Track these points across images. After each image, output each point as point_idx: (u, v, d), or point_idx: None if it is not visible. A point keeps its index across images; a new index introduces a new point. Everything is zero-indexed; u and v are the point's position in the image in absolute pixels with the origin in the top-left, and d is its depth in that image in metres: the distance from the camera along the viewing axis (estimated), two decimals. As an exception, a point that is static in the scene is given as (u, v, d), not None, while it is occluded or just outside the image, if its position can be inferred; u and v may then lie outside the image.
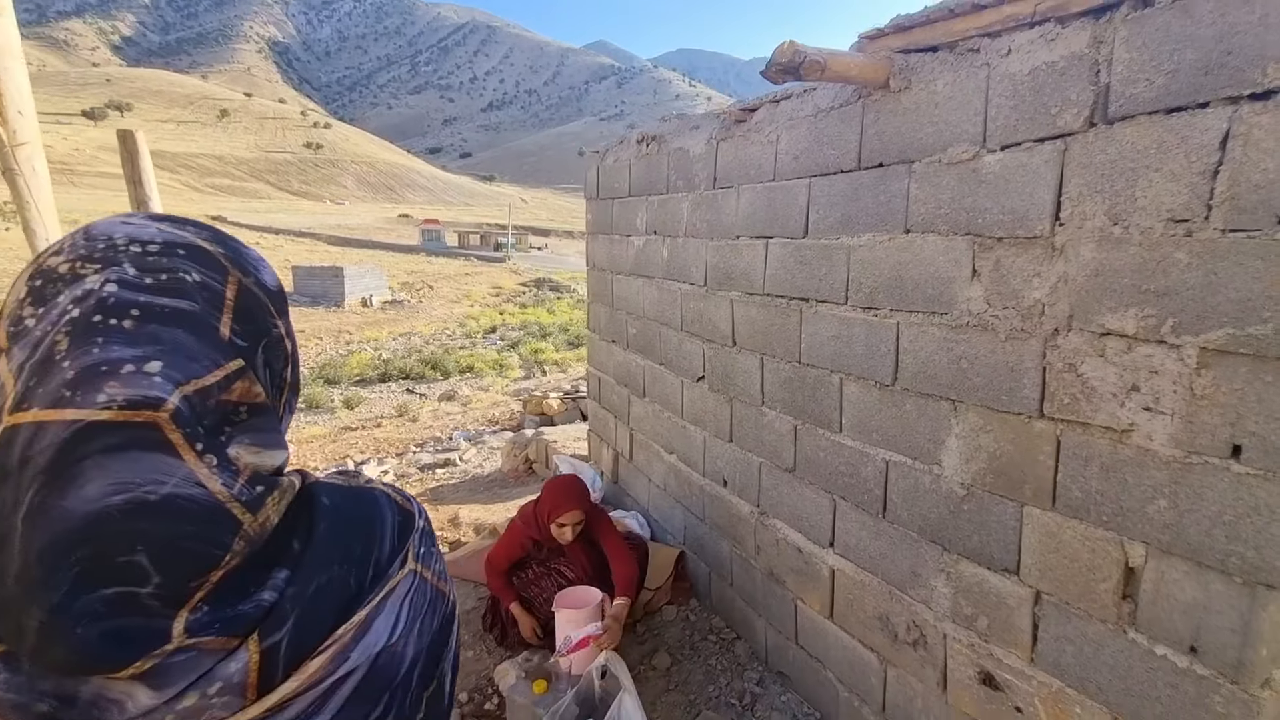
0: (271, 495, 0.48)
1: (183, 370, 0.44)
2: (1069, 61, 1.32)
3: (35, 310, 0.44)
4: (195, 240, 0.51)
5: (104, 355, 0.42)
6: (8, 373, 0.43)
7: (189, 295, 0.47)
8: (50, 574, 0.39)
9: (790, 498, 2.22)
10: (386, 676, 0.52)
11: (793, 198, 2.11)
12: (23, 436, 0.40)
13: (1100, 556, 1.31)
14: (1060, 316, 1.35)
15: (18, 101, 1.16)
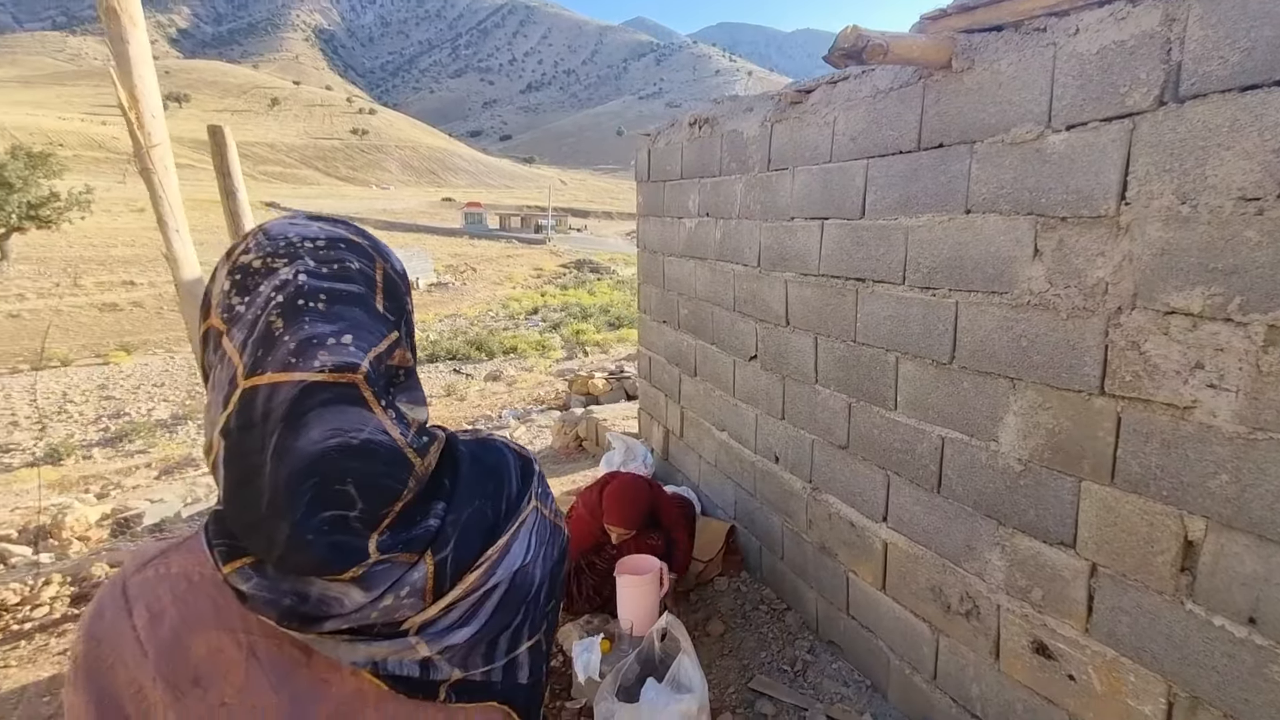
0: (433, 444, 0.59)
1: (366, 341, 0.54)
2: (1139, 40, 1.32)
3: (242, 299, 0.54)
4: (348, 235, 0.60)
5: (312, 330, 0.52)
6: (233, 349, 0.53)
7: (354, 280, 0.57)
8: (291, 499, 0.49)
9: (843, 473, 2.27)
10: (523, 592, 0.63)
11: (850, 179, 2.13)
12: (262, 395, 0.50)
13: (1159, 530, 1.34)
14: (1124, 295, 1.37)
15: (151, 106, 1.30)
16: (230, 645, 0.53)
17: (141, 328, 23.52)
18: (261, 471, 0.50)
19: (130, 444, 13.42)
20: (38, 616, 2.97)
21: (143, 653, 0.52)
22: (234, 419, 0.51)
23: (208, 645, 0.53)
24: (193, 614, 0.54)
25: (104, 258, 31.73)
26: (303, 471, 0.50)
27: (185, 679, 0.52)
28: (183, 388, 17.55)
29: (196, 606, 0.54)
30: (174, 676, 0.52)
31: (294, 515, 0.49)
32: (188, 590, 0.55)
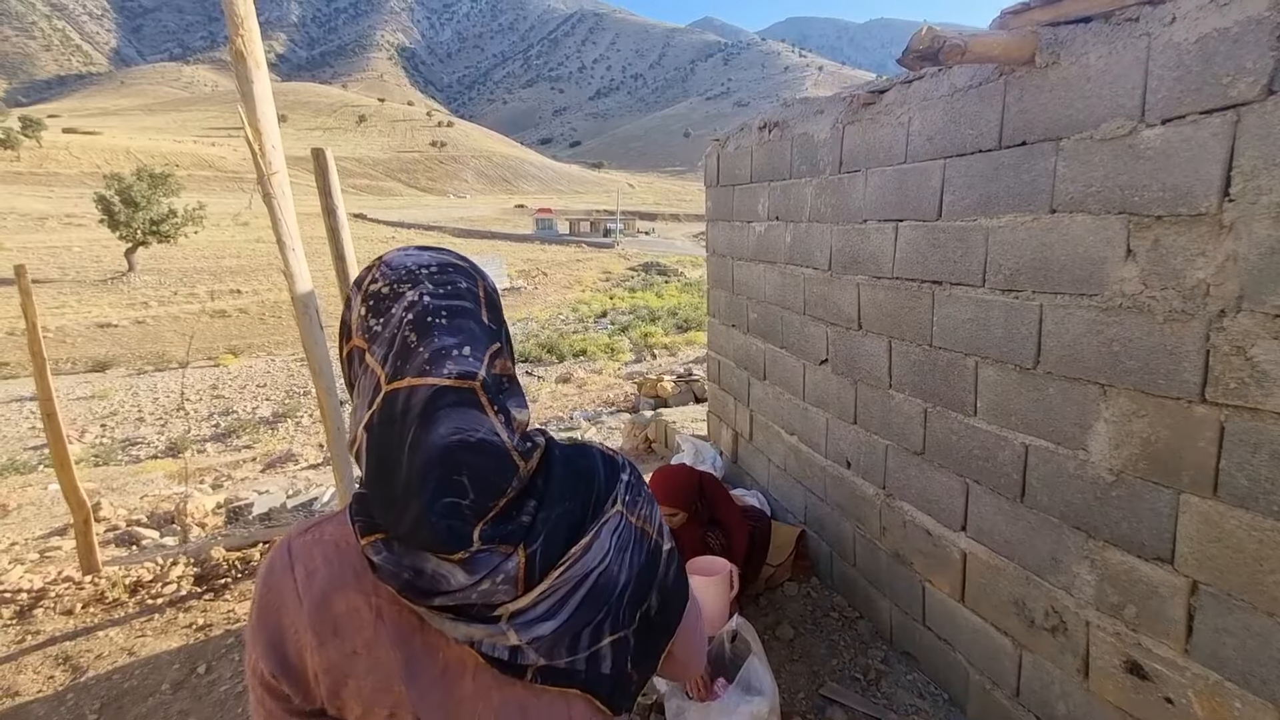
0: (536, 451, 0.66)
1: (481, 352, 0.64)
2: (1244, 27, 1.24)
3: (378, 320, 0.64)
4: (453, 259, 0.70)
5: (440, 343, 0.62)
6: (375, 362, 0.63)
7: (465, 298, 0.66)
8: (422, 484, 0.58)
9: (919, 480, 2.22)
10: (605, 590, 0.69)
11: (925, 179, 2.09)
12: (402, 397, 0.60)
13: (1270, 548, 1.26)
14: (1228, 297, 1.29)
15: (272, 138, 1.46)
16: (364, 606, 0.63)
17: (247, 332, 25.51)
18: (400, 460, 0.59)
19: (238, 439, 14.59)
20: (167, 593, 3.31)
21: (299, 603, 0.63)
22: (377, 416, 0.61)
23: (347, 604, 0.63)
24: (337, 576, 0.64)
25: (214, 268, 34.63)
26: (433, 461, 0.58)
27: (328, 629, 0.62)
28: (282, 388, 18.92)
29: (341, 570, 0.64)
30: (319, 626, 0.62)
31: (424, 497, 0.58)
32: (335, 555, 0.65)
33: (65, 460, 3.44)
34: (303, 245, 1.74)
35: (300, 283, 1.60)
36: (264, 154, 1.47)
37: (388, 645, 0.62)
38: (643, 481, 0.79)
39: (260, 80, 1.50)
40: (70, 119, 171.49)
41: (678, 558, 0.81)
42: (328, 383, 1.65)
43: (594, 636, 0.68)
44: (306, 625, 0.62)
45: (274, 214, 1.52)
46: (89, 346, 22.74)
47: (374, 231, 54.36)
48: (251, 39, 1.52)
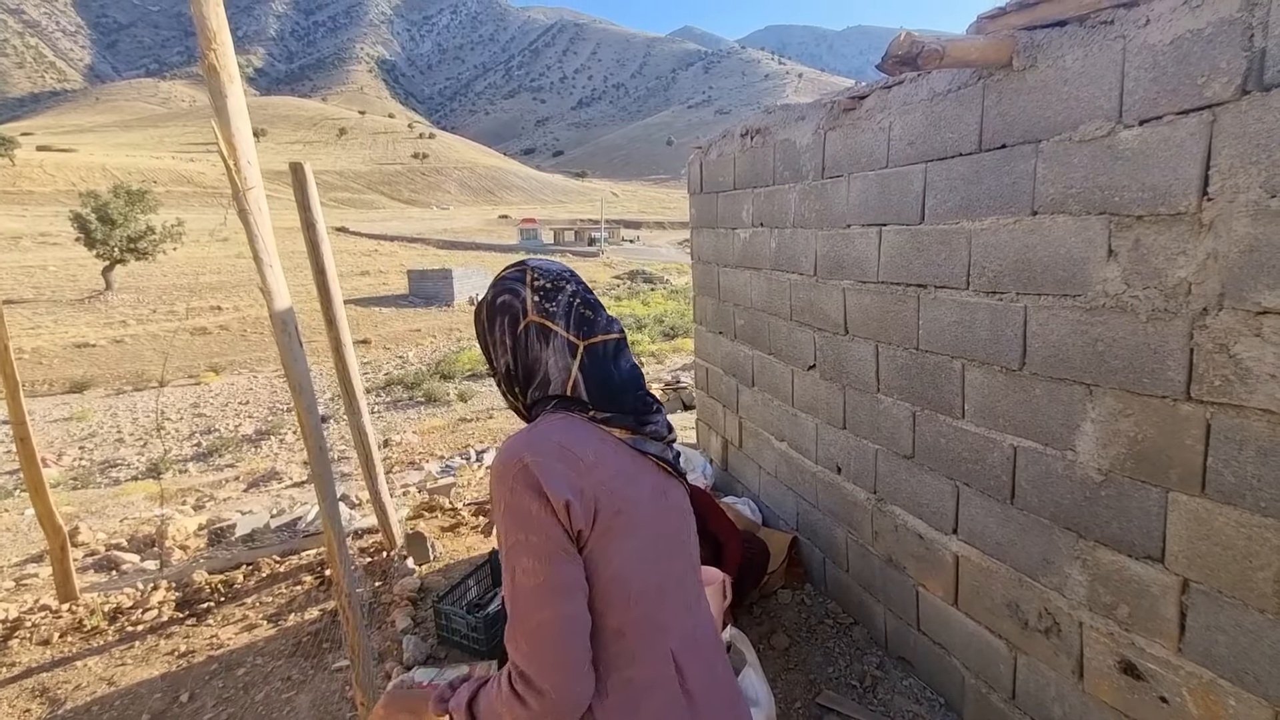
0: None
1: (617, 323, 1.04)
2: (1217, 28, 1.26)
3: (552, 303, 0.97)
4: (569, 267, 1.05)
5: (602, 316, 1.01)
6: (561, 328, 0.96)
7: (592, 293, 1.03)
8: (631, 386, 0.99)
9: (909, 484, 2.22)
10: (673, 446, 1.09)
11: (908, 184, 2.10)
12: (599, 347, 0.98)
13: (1258, 544, 1.26)
14: (1209, 295, 1.30)
15: (247, 154, 1.43)
16: (608, 449, 0.93)
17: (228, 349, 25.15)
18: (612, 376, 0.98)
19: (220, 458, 14.35)
20: (148, 620, 3.22)
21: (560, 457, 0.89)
22: (586, 358, 0.96)
23: (596, 446, 0.92)
24: (581, 434, 0.93)
25: (194, 285, 34.16)
26: (631, 375, 1.01)
27: (592, 460, 0.90)
28: (265, 405, 18.65)
29: (581, 432, 0.93)
30: (586, 462, 0.90)
31: (634, 391, 1.00)
32: (572, 430, 0.93)
33: (40, 485, 3.35)
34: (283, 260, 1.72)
35: (278, 300, 1.57)
36: (239, 169, 1.44)
37: (626, 459, 0.95)
38: None
39: (234, 95, 1.48)
40: (44, 136, 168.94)
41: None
42: (308, 401, 1.61)
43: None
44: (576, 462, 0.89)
45: (250, 230, 1.49)
46: (66, 367, 22.30)
47: (356, 244, 53.97)
48: (224, 53, 1.49)
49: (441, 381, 18.90)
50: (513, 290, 0.98)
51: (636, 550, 0.93)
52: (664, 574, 0.97)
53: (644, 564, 0.94)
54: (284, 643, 2.82)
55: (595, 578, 0.89)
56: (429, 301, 31.23)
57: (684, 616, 1.00)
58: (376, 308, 30.54)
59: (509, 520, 0.87)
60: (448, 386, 18.45)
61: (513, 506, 0.86)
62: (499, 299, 0.98)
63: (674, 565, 0.99)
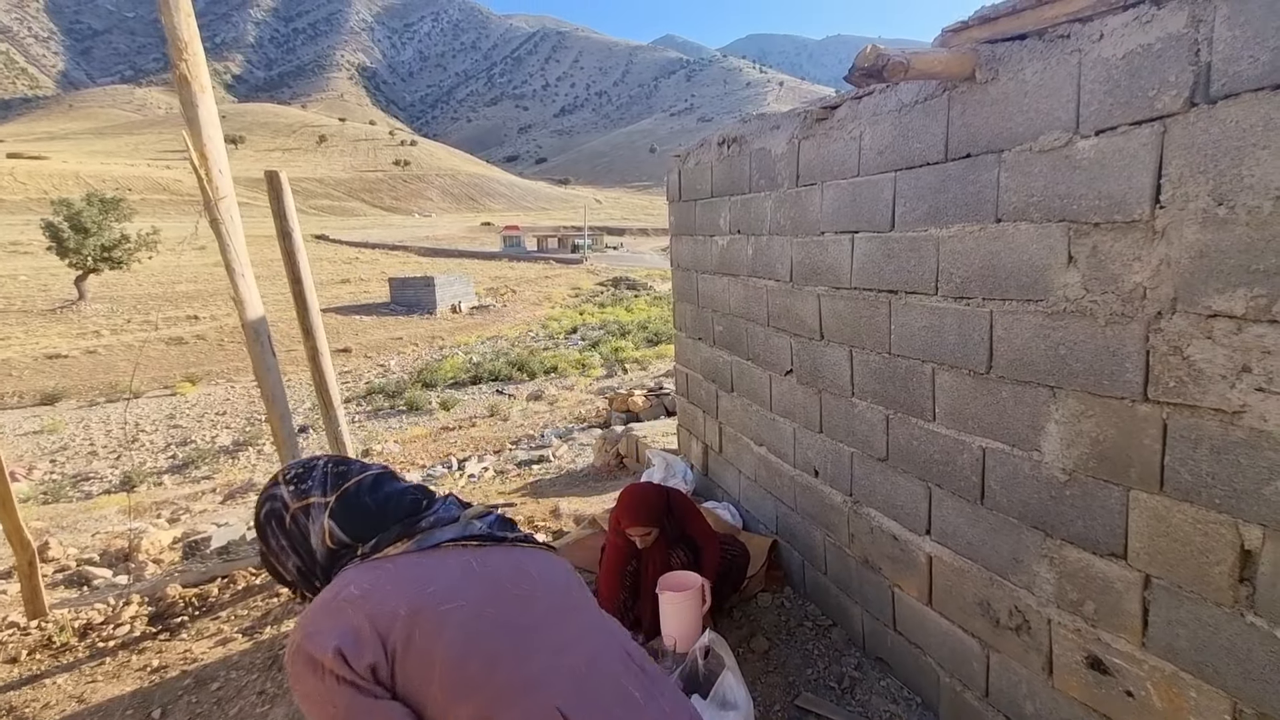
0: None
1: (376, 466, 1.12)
2: (1165, 43, 1.31)
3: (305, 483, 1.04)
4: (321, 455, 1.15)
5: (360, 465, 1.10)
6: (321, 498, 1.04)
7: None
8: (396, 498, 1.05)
9: (884, 486, 2.25)
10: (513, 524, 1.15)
11: (878, 192, 2.14)
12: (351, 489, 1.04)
13: (1214, 539, 1.30)
14: (1163, 299, 1.34)
15: (219, 163, 1.42)
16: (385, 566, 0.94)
17: (205, 359, 24.74)
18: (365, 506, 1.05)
19: (196, 470, 14.09)
20: (120, 635, 3.16)
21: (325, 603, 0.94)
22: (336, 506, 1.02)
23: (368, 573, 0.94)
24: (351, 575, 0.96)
25: (170, 294, 33.60)
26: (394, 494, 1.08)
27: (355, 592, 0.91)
28: (243, 415, 18.37)
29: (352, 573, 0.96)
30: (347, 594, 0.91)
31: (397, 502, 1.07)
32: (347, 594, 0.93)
33: (7, 499, 3.28)
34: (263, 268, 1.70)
35: (251, 309, 1.56)
36: (210, 179, 1.44)
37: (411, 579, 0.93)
38: None
39: (205, 104, 1.47)
40: (15, 144, 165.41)
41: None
42: (281, 410, 1.60)
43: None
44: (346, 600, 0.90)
45: (222, 240, 1.49)
46: (37, 379, 21.78)
47: (337, 252, 53.45)
48: (196, 63, 1.49)
49: (424, 390, 18.75)
50: (272, 496, 1.02)
51: (460, 634, 0.90)
52: (513, 633, 0.94)
53: (477, 640, 0.90)
54: (259, 656, 2.78)
55: (427, 686, 0.87)
56: (411, 309, 30.99)
57: (565, 658, 0.95)
58: (357, 316, 30.24)
59: (309, 706, 0.88)
60: (430, 395, 18.31)
61: (305, 692, 0.88)
62: (263, 511, 1.01)
63: (526, 617, 0.96)
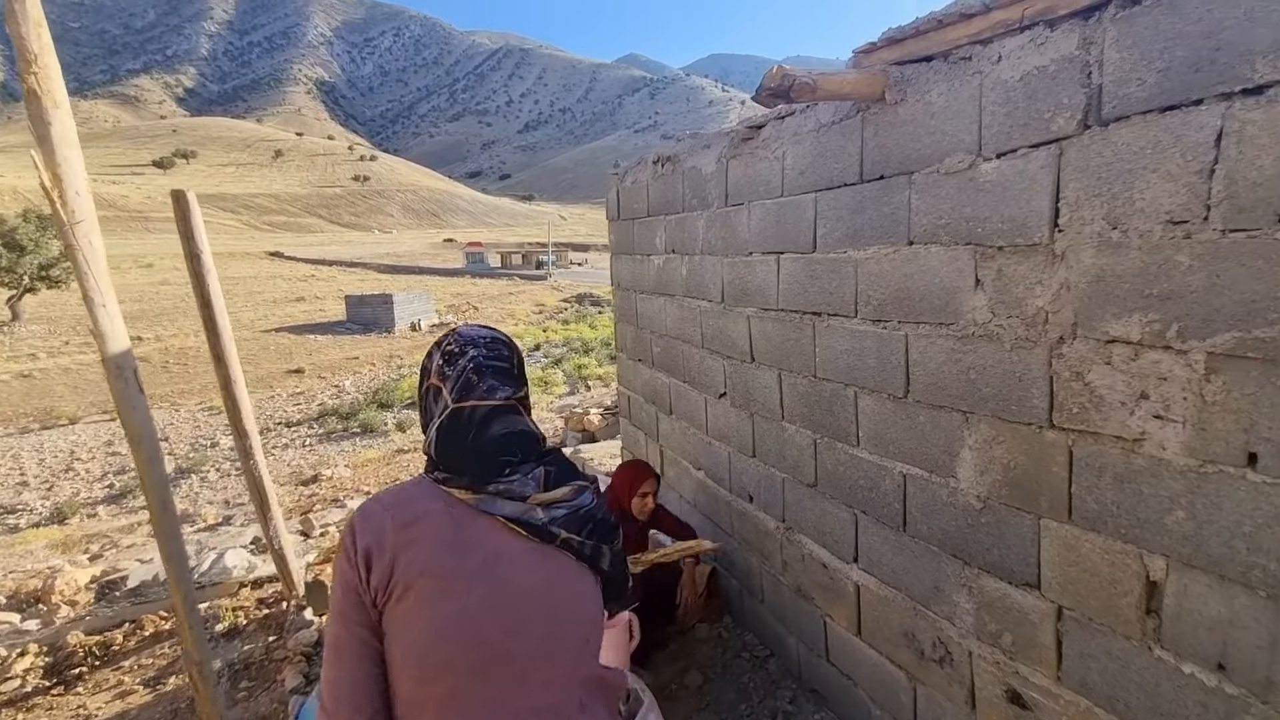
0: (548, 439, 1.08)
1: (512, 389, 1.05)
2: (1059, 65, 1.30)
3: (450, 368, 1.03)
4: (499, 335, 1.11)
5: (490, 383, 1.03)
6: (448, 392, 1.02)
7: (504, 360, 1.07)
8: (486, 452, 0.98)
9: (814, 513, 2.20)
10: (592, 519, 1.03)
11: (801, 212, 2.11)
12: (468, 410, 1.00)
13: (1120, 570, 1.27)
14: (1065, 324, 1.32)
15: (75, 185, 1.29)
16: (438, 508, 0.94)
17: (147, 382, 23.50)
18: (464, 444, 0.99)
19: (135, 499, 13.38)
20: (8, 691, 2.89)
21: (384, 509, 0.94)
22: (447, 420, 1.00)
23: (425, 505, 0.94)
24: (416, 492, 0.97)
25: (112, 314, 32.11)
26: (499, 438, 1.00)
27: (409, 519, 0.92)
28: (187, 440, 17.57)
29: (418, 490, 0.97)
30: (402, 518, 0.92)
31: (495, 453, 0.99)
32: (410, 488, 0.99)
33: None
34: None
35: (113, 343, 1.42)
36: (65, 202, 1.31)
37: (450, 528, 0.92)
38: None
39: (59, 120, 1.34)
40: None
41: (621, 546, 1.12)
42: (150, 452, 1.46)
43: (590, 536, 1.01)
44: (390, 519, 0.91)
45: (79, 267, 1.35)
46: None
47: (292, 270, 52.10)
48: (47, 76, 1.36)
49: (379, 411, 18.25)
50: (430, 354, 1.09)
51: (445, 619, 0.86)
52: (488, 649, 0.88)
53: (454, 636, 0.86)
54: (161, 709, 2.57)
55: (393, 642, 0.88)
56: (368, 328, 30.27)
57: (517, 701, 0.89)
58: (312, 335, 29.39)
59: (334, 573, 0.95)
60: (385, 416, 17.83)
61: (336, 561, 0.94)
62: (424, 362, 1.10)
63: (510, 642, 0.89)
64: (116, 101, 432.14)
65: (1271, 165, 1.00)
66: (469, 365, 1.02)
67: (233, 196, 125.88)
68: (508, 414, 1.02)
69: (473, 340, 1.06)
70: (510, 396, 1.03)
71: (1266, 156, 1.00)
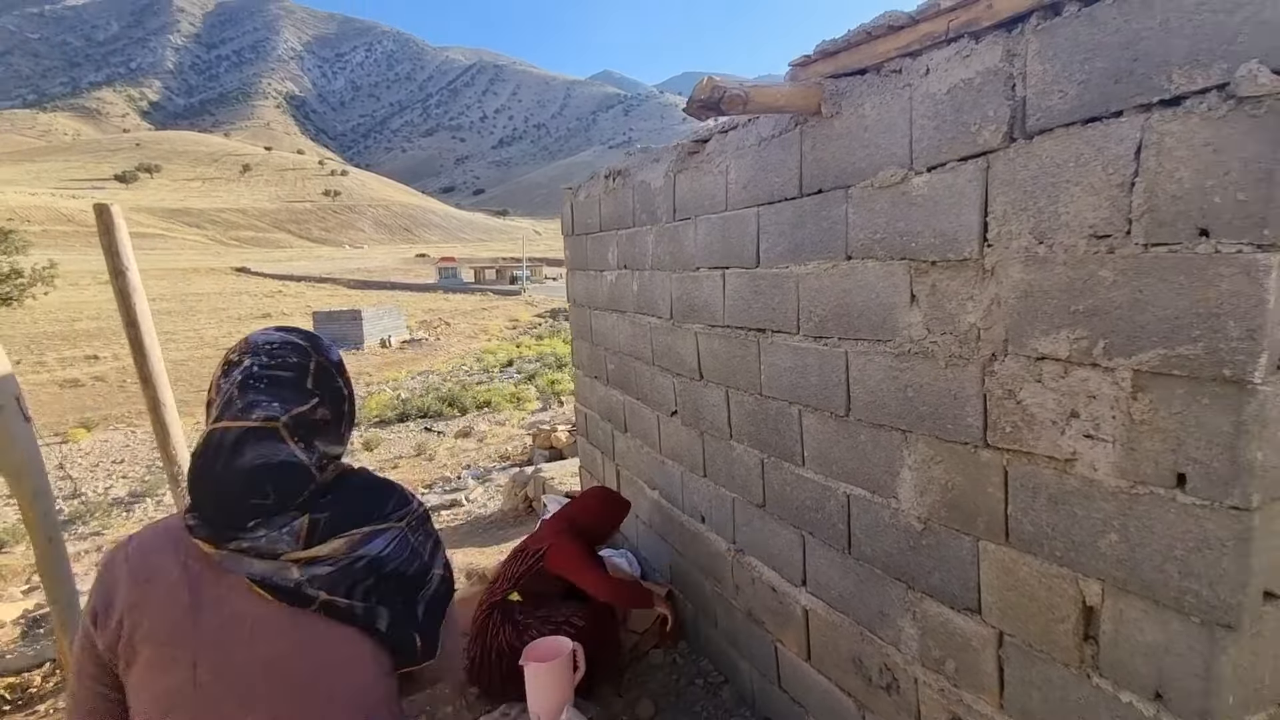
0: (330, 466, 0.95)
1: (288, 405, 0.90)
2: (985, 77, 1.27)
3: (225, 380, 0.91)
4: (294, 339, 0.97)
5: (254, 398, 0.88)
6: (213, 410, 0.89)
7: (290, 368, 0.93)
8: (237, 494, 0.84)
9: (763, 534, 2.14)
10: (379, 570, 0.92)
11: (745, 227, 2.07)
12: (218, 433, 0.86)
13: (1057, 595, 1.23)
14: (996, 341, 1.28)
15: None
16: (174, 562, 0.84)
17: (104, 403, 22.85)
18: (215, 476, 0.84)
19: (85, 525, 12.81)
20: (-92, 743, 2.67)
21: (125, 563, 0.86)
22: (199, 448, 0.86)
23: (161, 559, 0.85)
24: (159, 541, 0.87)
25: (68, 332, 31.07)
26: (243, 479, 0.84)
27: (142, 575, 0.83)
28: (143, 463, 16.94)
29: (163, 538, 0.87)
30: (136, 571, 0.84)
31: (240, 491, 0.84)
32: (161, 529, 0.89)
33: None
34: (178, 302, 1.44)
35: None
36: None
37: (184, 590, 0.82)
38: (429, 522, 1.05)
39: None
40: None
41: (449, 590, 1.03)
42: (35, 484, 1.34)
43: (367, 595, 0.90)
44: (126, 573, 0.83)
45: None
46: (-100, 429, 19.53)
47: (259, 285, 51.06)
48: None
49: (346, 429, 17.80)
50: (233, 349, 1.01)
51: (170, 692, 0.79)
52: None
53: (180, 710, 0.79)
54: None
55: (131, 707, 0.83)
56: (336, 345, 29.73)
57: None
58: (278, 352, 28.71)
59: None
60: (352, 435, 17.41)
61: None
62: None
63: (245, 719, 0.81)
64: (77, 114, 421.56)
65: (1190, 178, 0.97)
66: (239, 377, 0.89)
67: (198, 211, 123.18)
68: (266, 440, 0.85)
69: (257, 346, 0.92)
70: (275, 416, 0.87)
71: (1185, 169, 0.98)
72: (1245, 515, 0.96)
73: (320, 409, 0.93)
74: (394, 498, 1.00)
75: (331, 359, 0.99)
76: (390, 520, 0.96)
